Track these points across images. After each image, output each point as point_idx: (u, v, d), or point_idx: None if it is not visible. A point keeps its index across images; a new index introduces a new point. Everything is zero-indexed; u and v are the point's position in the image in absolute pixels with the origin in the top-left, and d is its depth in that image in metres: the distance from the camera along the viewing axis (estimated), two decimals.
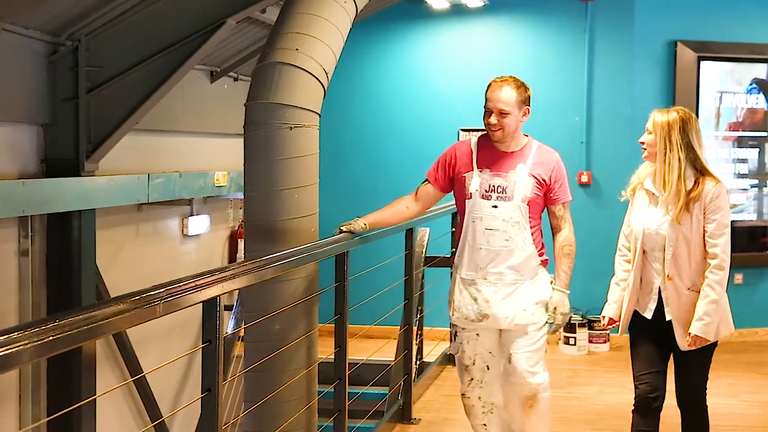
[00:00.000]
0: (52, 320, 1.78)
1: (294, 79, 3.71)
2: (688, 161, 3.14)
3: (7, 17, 4.17)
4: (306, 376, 3.69)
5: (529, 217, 3.39)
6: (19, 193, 4.20)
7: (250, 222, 3.77)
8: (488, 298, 3.43)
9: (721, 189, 3.18)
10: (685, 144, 3.13)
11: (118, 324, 2.06)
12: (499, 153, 3.42)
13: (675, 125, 3.15)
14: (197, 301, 2.39)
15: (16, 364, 1.57)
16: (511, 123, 3.35)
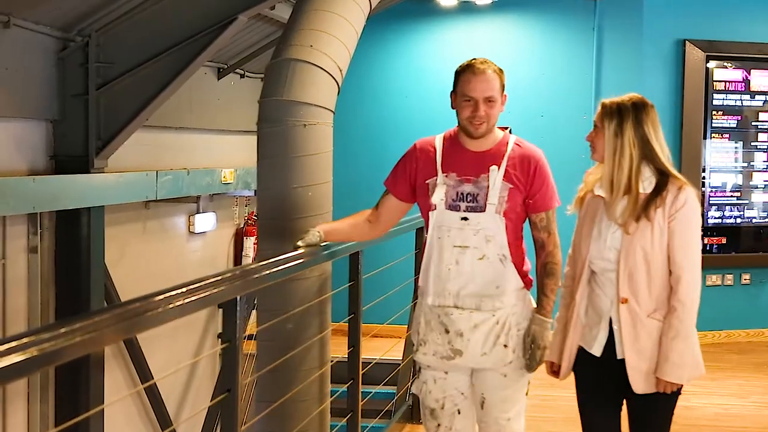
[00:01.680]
0: (72, 322, 1.74)
1: (308, 76, 3.68)
2: (642, 159, 2.57)
3: (18, 13, 4.14)
4: (319, 376, 3.67)
5: (508, 229, 2.77)
6: (29, 190, 4.17)
7: (263, 220, 3.74)
8: (462, 330, 2.80)
9: (688, 194, 2.59)
10: (639, 137, 2.58)
11: (140, 325, 2.03)
12: (468, 153, 2.82)
13: (626, 115, 2.61)
14: (217, 302, 2.36)
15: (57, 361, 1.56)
16: (495, 114, 2.81)
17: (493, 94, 2.79)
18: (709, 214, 6.98)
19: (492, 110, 2.78)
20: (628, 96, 2.68)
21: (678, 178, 2.63)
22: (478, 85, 2.78)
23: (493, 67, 2.83)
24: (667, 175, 2.62)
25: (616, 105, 2.64)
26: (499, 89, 2.81)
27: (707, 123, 6.95)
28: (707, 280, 6.99)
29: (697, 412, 5.14)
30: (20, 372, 1.54)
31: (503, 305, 2.79)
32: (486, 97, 2.78)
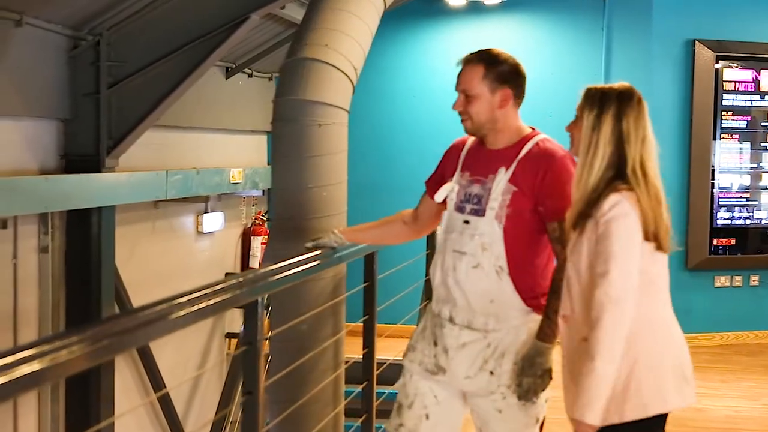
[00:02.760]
0: (95, 328, 1.72)
1: (323, 75, 3.65)
2: (617, 159, 2.21)
3: (30, 12, 4.12)
4: (334, 378, 3.65)
5: (507, 238, 2.46)
6: (41, 189, 4.15)
7: (277, 220, 3.72)
8: (448, 347, 2.54)
9: (618, 199, 2.16)
10: (617, 134, 2.22)
11: (163, 329, 2.00)
12: (484, 152, 2.58)
13: (608, 105, 2.23)
14: (239, 304, 2.34)
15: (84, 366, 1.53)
16: (480, 110, 2.51)
17: (465, 87, 2.53)
18: (717, 215, 6.95)
19: (471, 105, 2.52)
20: (617, 84, 2.31)
21: (628, 187, 2.20)
22: (458, 78, 2.58)
23: (476, 59, 2.55)
24: (626, 181, 2.20)
25: (600, 93, 2.28)
26: (481, 82, 2.51)
27: (717, 123, 6.92)
28: (716, 282, 6.97)
29: (708, 414, 5.12)
30: (36, 381, 1.50)
31: (498, 328, 2.48)
32: (461, 90, 2.55)
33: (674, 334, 2.26)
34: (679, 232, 7.11)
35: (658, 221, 2.21)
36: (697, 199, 6.87)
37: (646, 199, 2.19)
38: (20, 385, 1.41)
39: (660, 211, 2.23)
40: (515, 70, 2.58)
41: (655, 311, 2.22)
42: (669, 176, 7.32)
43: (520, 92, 2.58)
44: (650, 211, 2.20)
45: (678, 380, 2.19)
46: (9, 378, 1.37)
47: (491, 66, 2.53)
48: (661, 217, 2.23)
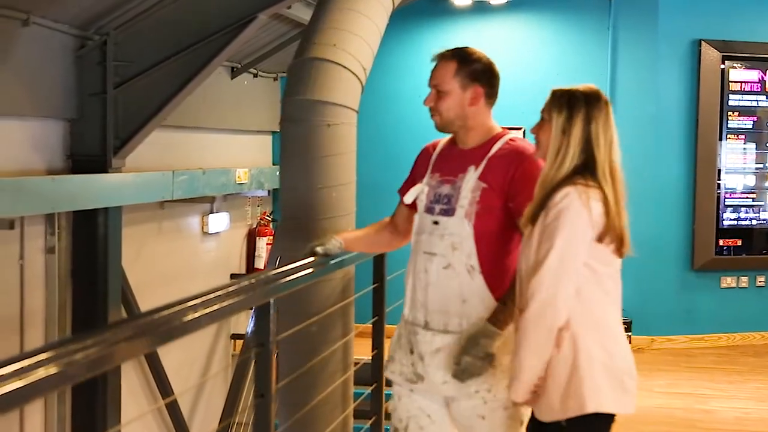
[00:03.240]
0: (108, 332, 1.69)
1: (332, 75, 3.64)
2: (582, 162, 2.19)
3: (37, 11, 4.10)
4: (343, 379, 3.63)
5: (478, 236, 2.42)
6: (48, 190, 4.13)
7: (285, 220, 3.70)
8: (423, 354, 2.50)
9: (568, 197, 2.14)
10: (585, 137, 2.20)
11: (177, 332, 1.98)
12: (455, 152, 2.56)
13: (577, 108, 2.20)
14: (252, 306, 2.32)
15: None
16: (450, 107, 2.50)
17: (437, 83, 2.53)
18: (724, 215, 6.93)
19: (441, 101, 2.51)
20: (583, 86, 2.27)
21: (586, 184, 2.17)
22: (431, 74, 2.58)
23: (450, 55, 2.54)
24: (588, 181, 2.18)
25: (567, 95, 2.23)
26: (453, 79, 2.50)
27: (723, 124, 6.90)
28: (722, 282, 6.95)
29: (718, 415, 5.10)
30: (54, 384, 1.47)
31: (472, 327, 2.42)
32: (433, 85, 2.56)
33: (619, 341, 2.24)
34: (684, 232, 7.16)
35: (623, 225, 2.21)
36: (703, 199, 6.85)
37: (614, 202, 2.19)
38: (37, 390, 1.38)
39: (625, 216, 2.22)
40: (488, 69, 2.54)
41: (603, 314, 2.21)
42: (675, 177, 7.34)
43: (492, 91, 2.55)
44: (617, 215, 2.19)
45: (615, 386, 2.17)
46: (27, 382, 1.35)
47: (464, 63, 2.52)
48: (625, 222, 2.22)
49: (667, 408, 5.25)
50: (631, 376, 2.21)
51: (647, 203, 6.84)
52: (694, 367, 6.25)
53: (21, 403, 1.32)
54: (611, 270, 2.23)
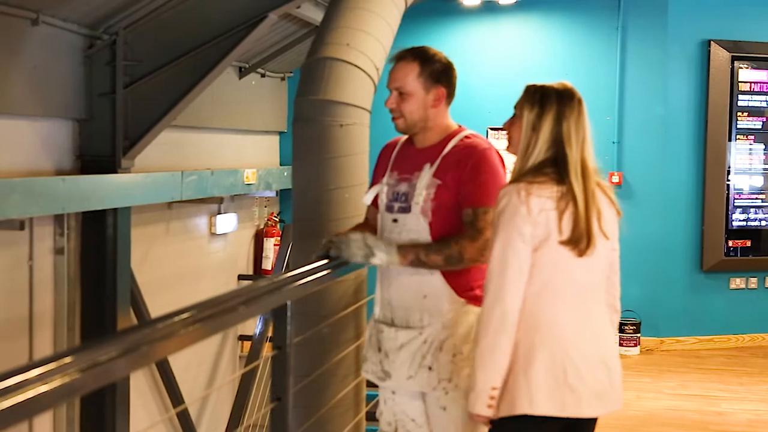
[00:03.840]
0: (128, 336, 1.66)
1: (345, 75, 3.61)
2: (550, 160, 2.15)
3: (47, 10, 4.08)
4: (355, 381, 3.60)
5: (434, 232, 2.44)
6: (59, 190, 4.10)
7: (298, 221, 3.67)
8: (388, 350, 2.54)
9: (505, 199, 2.13)
10: (554, 136, 2.16)
11: (195, 335, 1.94)
12: (413, 151, 2.58)
13: (549, 106, 2.16)
14: (270, 308, 2.29)
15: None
16: (414, 109, 2.49)
17: (399, 85, 2.49)
18: (733, 216, 6.90)
19: (405, 103, 2.49)
20: (557, 83, 2.23)
21: (530, 178, 2.15)
22: (390, 75, 2.55)
23: (411, 56, 2.51)
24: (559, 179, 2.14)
25: (540, 92, 2.20)
26: (416, 80, 2.48)
27: (732, 124, 6.86)
28: (731, 284, 6.91)
29: (730, 418, 5.07)
30: (74, 390, 1.44)
31: (433, 322, 2.45)
32: (395, 87, 2.52)
33: (569, 342, 2.14)
34: (693, 233, 7.11)
35: (589, 225, 2.14)
36: (712, 200, 6.81)
37: (582, 200, 2.14)
38: (56, 396, 1.35)
39: (594, 215, 2.16)
40: (448, 69, 2.54)
41: (549, 314, 2.15)
42: (683, 177, 7.30)
43: (451, 91, 2.56)
44: (583, 217, 2.13)
45: (556, 387, 2.10)
46: (48, 389, 1.32)
47: (426, 64, 2.50)
48: (592, 222, 2.15)
49: (678, 410, 5.22)
50: (580, 377, 2.12)
51: (656, 204, 6.81)
52: (704, 369, 6.21)
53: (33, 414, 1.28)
54: (567, 269, 2.15)
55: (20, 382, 1.28)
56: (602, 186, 2.24)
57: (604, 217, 2.18)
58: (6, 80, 4.00)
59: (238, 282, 6.85)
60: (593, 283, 2.20)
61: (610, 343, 2.25)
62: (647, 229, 6.78)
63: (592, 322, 2.18)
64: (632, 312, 6.66)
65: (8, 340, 4.30)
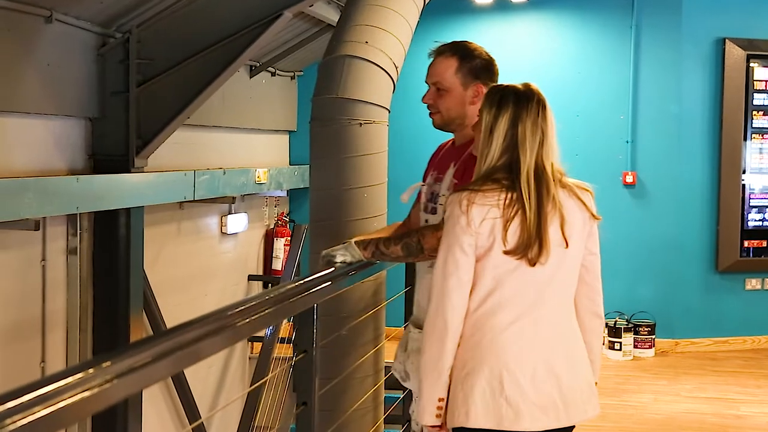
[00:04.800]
0: (149, 347, 1.60)
1: (364, 73, 3.56)
2: (504, 163, 2.07)
3: (60, 7, 4.03)
4: (374, 383, 3.55)
5: None
6: (73, 190, 4.05)
7: (315, 221, 3.62)
8: (410, 351, 2.51)
9: (449, 208, 2.07)
10: (509, 139, 2.07)
11: (221, 340, 1.88)
12: (451, 149, 2.55)
13: (504, 107, 2.08)
14: (295, 312, 2.24)
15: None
16: (451, 105, 2.43)
17: (437, 80, 2.44)
18: (749, 216, 6.83)
19: (442, 99, 2.43)
20: (521, 84, 2.13)
21: (478, 185, 2.06)
22: (428, 70, 2.50)
23: (449, 51, 2.45)
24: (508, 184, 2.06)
25: (499, 94, 2.11)
26: (451, 76, 2.41)
27: (747, 123, 6.79)
28: (747, 284, 6.84)
29: (749, 421, 5.01)
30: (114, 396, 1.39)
31: None
32: (432, 82, 2.47)
33: (510, 351, 2.06)
34: (708, 234, 7.04)
35: (541, 231, 2.04)
36: (727, 200, 6.74)
37: (532, 208, 2.04)
38: (97, 402, 1.30)
39: (545, 221, 2.05)
40: (489, 65, 2.47)
41: (492, 325, 2.07)
42: (698, 177, 7.22)
43: None
44: (533, 223, 2.03)
45: (491, 398, 2.04)
46: (89, 394, 1.27)
47: (465, 59, 2.43)
48: (544, 228, 2.04)
49: (697, 413, 5.15)
50: (520, 390, 2.04)
51: (670, 204, 6.74)
52: (721, 371, 6.15)
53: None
54: (513, 279, 2.06)
55: (59, 387, 1.23)
56: (573, 189, 2.12)
57: (568, 222, 2.08)
58: (20, 78, 3.95)
59: (248, 282, 6.80)
60: (551, 291, 2.09)
61: (569, 353, 2.13)
62: (661, 229, 6.72)
63: (544, 331, 2.09)
64: (647, 313, 6.60)
65: (21, 341, 4.25)
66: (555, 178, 2.09)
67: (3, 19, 3.80)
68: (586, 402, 2.15)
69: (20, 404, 1.16)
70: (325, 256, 2.49)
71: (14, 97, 3.95)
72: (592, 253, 2.19)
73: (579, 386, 2.13)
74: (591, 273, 2.21)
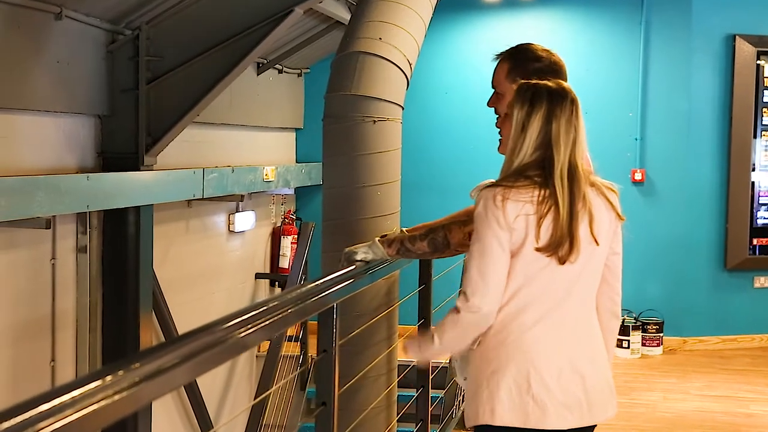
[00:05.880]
0: (183, 344, 1.58)
1: (377, 69, 3.52)
2: (537, 161, 2.07)
3: (70, 4, 4.00)
4: (387, 382, 3.53)
5: None
6: (83, 188, 4.02)
7: (327, 220, 3.59)
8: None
9: (481, 203, 2.05)
10: (543, 135, 2.06)
11: (243, 343, 1.84)
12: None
13: (538, 104, 2.06)
14: (317, 311, 2.21)
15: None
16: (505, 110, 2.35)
17: (494, 84, 2.44)
18: (758, 214, 6.80)
19: (500, 103, 2.40)
20: (552, 81, 2.14)
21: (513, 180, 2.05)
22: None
23: (505, 55, 2.45)
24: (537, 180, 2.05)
25: (531, 90, 2.10)
26: (503, 80, 2.40)
27: (757, 121, 6.76)
28: (755, 282, 6.81)
29: (760, 420, 4.98)
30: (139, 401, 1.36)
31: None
32: (493, 86, 2.46)
33: (537, 349, 2.05)
34: (717, 231, 7.01)
35: (572, 230, 2.02)
36: (736, 198, 6.72)
37: (565, 206, 2.02)
38: (125, 405, 1.28)
39: (576, 220, 2.03)
40: (549, 69, 2.41)
41: (519, 322, 2.05)
42: (707, 174, 7.18)
43: None
44: (566, 221, 2.02)
45: (518, 396, 2.03)
46: (119, 398, 1.24)
47: (518, 62, 2.40)
48: (576, 226, 2.03)
49: (707, 411, 5.13)
50: (547, 388, 2.03)
51: (679, 201, 6.72)
52: (729, 369, 6.12)
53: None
54: (542, 276, 2.04)
55: (86, 391, 1.21)
56: (601, 188, 2.12)
57: (597, 220, 2.06)
58: (30, 76, 3.92)
59: (255, 281, 6.77)
60: (576, 290, 2.08)
61: (592, 353, 2.12)
62: (670, 227, 6.69)
63: (569, 331, 2.08)
64: (655, 311, 6.57)
65: (31, 340, 4.23)
66: (585, 177, 2.07)
67: (13, 16, 3.77)
68: (607, 401, 2.14)
69: (52, 407, 1.15)
70: (347, 253, 2.48)
71: (24, 95, 3.92)
72: (615, 253, 2.18)
73: (601, 385, 2.12)
74: (613, 273, 2.19)
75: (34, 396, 1.13)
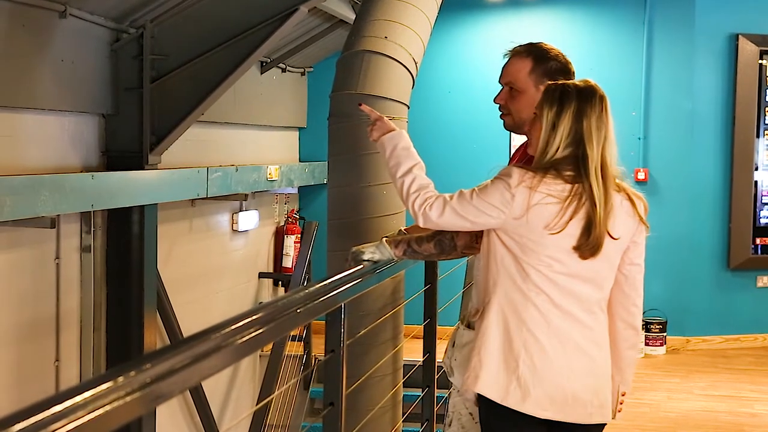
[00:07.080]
0: (189, 347, 1.56)
1: (383, 68, 3.52)
2: (566, 154, 2.07)
3: (74, 2, 3.99)
4: (392, 382, 3.52)
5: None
6: (87, 187, 4.01)
7: (333, 219, 3.59)
8: (457, 345, 2.55)
9: (516, 175, 2.05)
10: (574, 133, 2.06)
11: (264, 338, 1.84)
12: (522, 154, 2.52)
13: (568, 103, 2.06)
14: (326, 311, 2.20)
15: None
16: (522, 107, 2.36)
17: (511, 80, 2.39)
18: (761, 213, 6.79)
19: (514, 101, 2.37)
20: (580, 80, 2.16)
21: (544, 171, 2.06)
22: (503, 70, 2.45)
23: (525, 51, 2.41)
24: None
25: (560, 90, 2.11)
26: (525, 77, 2.36)
27: (760, 120, 6.76)
28: (758, 282, 6.81)
29: (764, 419, 4.98)
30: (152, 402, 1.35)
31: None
32: (506, 82, 2.41)
33: (535, 336, 2.07)
34: (720, 231, 7.00)
35: (602, 226, 2.04)
36: (739, 197, 6.71)
37: (602, 201, 2.04)
38: (140, 405, 1.27)
39: (607, 219, 2.05)
40: (564, 68, 2.42)
41: (527, 309, 2.08)
42: (710, 174, 7.18)
43: None
44: (601, 216, 2.04)
45: (504, 374, 2.08)
46: (131, 399, 1.23)
47: (540, 61, 2.39)
48: (605, 225, 2.05)
49: (711, 411, 5.13)
50: (537, 375, 2.05)
51: (682, 201, 6.71)
52: (733, 369, 6.12)
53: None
54: (561, 270, 2.05)
55: (98, 392, 1.20)
56: (628, 192, 2.12)
57: (618, 222, 2.07)
58: (34, 75, 3.92)
59: (259, 280, 6.76)
60: (588, 289, 2.09)
61: (591, 354, 2.11)
62: (673, 227, 6.67)
63: (570, 326, 2.08)
64: (658, 311, 6.56)
65: (35, 340, 4.22)
66: (614, 176, 2.08)
67: (17, 15, 3.77)
68: (596, 406, 2.12)
69: (65, 409, 1.14)
70: (354, 253, 2.47)
71: (28, 94, 3.91)
72: (635, 264, 2.18)
73: (593, 388, 2.11)
74: (630, 283, 2.19)
75: (46, 397, 1.12)
